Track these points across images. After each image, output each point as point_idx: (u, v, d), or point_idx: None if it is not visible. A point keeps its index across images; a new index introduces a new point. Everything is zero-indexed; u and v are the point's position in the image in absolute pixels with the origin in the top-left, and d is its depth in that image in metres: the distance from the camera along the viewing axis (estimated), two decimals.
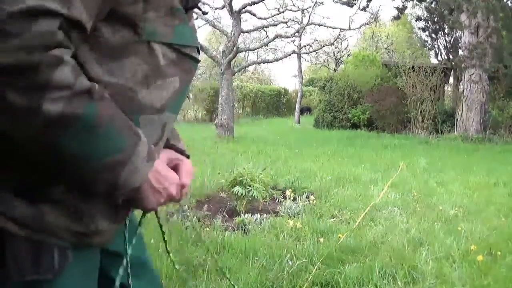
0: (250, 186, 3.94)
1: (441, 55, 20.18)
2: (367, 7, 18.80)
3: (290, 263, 2.73)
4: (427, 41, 21.17)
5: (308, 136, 12.49)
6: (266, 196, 4.26)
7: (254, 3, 12.10)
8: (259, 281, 2.49)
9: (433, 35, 20.21)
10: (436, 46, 20.55)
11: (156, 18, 0.79)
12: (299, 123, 17.87)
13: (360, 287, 2.50)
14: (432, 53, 21.53)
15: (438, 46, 20.35)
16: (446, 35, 19.53)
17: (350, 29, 17.66)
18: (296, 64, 20.04)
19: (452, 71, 16.27)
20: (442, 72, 14.50)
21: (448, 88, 17.40)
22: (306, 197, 4.50)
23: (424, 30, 20.77)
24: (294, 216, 3.89)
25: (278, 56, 18.37)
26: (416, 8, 21.15)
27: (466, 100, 13.40)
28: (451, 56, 18.41)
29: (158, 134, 0.87)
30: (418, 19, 21.03)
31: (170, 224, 3.42)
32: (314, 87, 23.87)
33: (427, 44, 21.39)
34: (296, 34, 16.33)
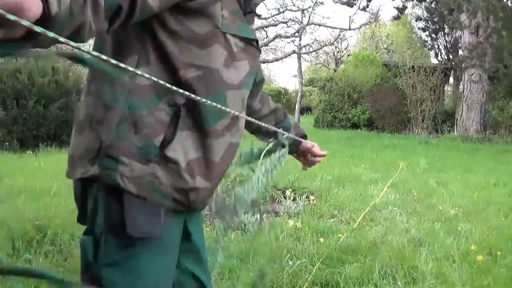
0: None
1: (441, 55, 20.20)
2: (367, 7, 18.85)
3: (290, 263, 2.73)
4: (427, 41, 21.17)
5: (308, 136, 12.44)
6: (266, 196, 4.26)
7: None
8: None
9: (433, 35, 20.22)
10: (436, 46, 20.56)
11: (228, 16, 1.00)
12: (299, 123, 17.88)
13: (360, 287, 2.50)
14: (432, 53, 21.54)
15: (438, 46, 20.36)
16: (446, 35, 19.54)
17: (350, 29, 17.69)
18: (296, 64, 20.02)
19: (452, 71, 16.28)
20: (442, 72, 14.51)
21: (448, 88, 17.41)
22: (306, 197, 4.50)
23: (424, 30, 20.77)
24: (294, 216, 3.89)
25: (278, 56, 18.42)
26: (416, 8, 21.19)
27: (466, 100, 13.40)
28: (451, 56, 18.42)
29: (239, 106, 1.08)
30: (418, 19, 21.04)
31: None
32: (314, 87, 23.88)
33: (427, 44, 21.40)
34: (296, 34, 16.36)
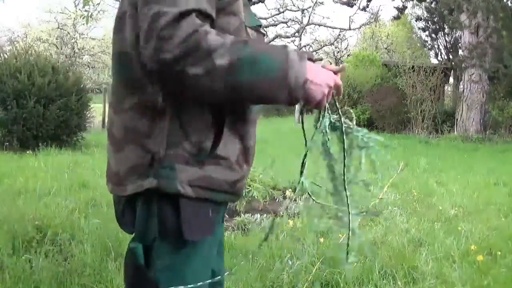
0: (250, 186, 3.93)
1: (441, 55, 20.22)
2: (367, 7, 18.83)
3: (290, 263, 2.72)
4: (427, 41, 21.19)
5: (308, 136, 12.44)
6: (266, 196, 4.26)
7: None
8: (259, 281, 2.49)
9: (433, 35, 20.23)
10: (436, 46, 20.58)
11: (244, 10, 1.09)
12: (299, 123, 17.85)
13: (360, 287, 2.50)
14: (432, 53, 21.56)
15: (438, 46, 20.38)
16: (446, 35, 19.55)
17: (350, 29, 17.66)
18: None
19: (452, 71, 16.28)
20: (442, 72, 14.51)
21: (448, 88, 17.40)
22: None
23: (424, 30, 20.79)
24: (294, 216, 3.89)
25: None
26: (416, 8, 21.18)
27: (466, 100, 13.40)
28: (451, 56, 18.43)
29: None
30: (418, 19, 21.05)
31: None
32: None
33: (427, 44, 21.41)
34: (296, 34, 16.34)
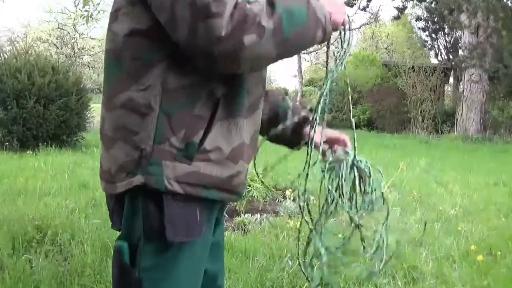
0: (250, 186, 3.93)
1: (441, 55, 20.20)
2: (367, 7, 18.85)
3: (290, 263, 2.72)
4: (427, 41, 21.18)
5: None
6: (266, 196, 4.26)
7: None
8: (259, 281, 2.49)
9: (433, 35, 20.22)
10: (436, 46, 20.56)
11: None
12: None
13: (360, 287, 2.50)
14: (432, 53, 21.55)
15: (438, 46, 20.36)
16: (446, 35, 19.54)
17: (350, 29, 17.65)
18: (296, 64, 20.01)
19: (452, 71, 16.30)
20: (442, 72, 14.53)
21: (448, 88, 17.42)
22: None
23: (424, 30, 20.77)
24: (294, 216, 3.88)
25: None
26: (416, 8, 21.19)
27: (466, 100, 13.41)
28: (451, 56, 18.43)
29: (261, 86, 1.15)
30: (418, 19, 21.05)
31: None
32: (314, 87, 23.84)
33: (427, 44, 21.40)
34: None
